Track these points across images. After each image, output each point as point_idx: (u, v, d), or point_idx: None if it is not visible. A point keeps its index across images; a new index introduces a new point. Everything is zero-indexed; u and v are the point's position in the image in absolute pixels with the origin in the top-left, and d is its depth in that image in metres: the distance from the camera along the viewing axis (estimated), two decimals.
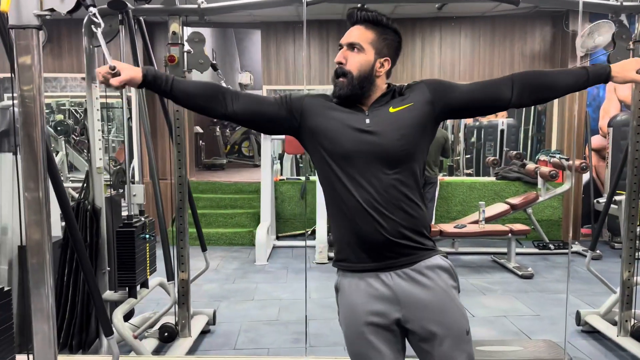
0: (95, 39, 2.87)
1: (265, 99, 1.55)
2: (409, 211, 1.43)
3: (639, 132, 2.98)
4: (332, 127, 1.46)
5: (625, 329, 3.06)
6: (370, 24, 1.47)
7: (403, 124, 1.44)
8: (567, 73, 1.52)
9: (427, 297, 1.42)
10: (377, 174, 1.41)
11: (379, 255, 1.43)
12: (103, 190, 2.94)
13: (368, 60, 1.47)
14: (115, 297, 2.90)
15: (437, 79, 1.55)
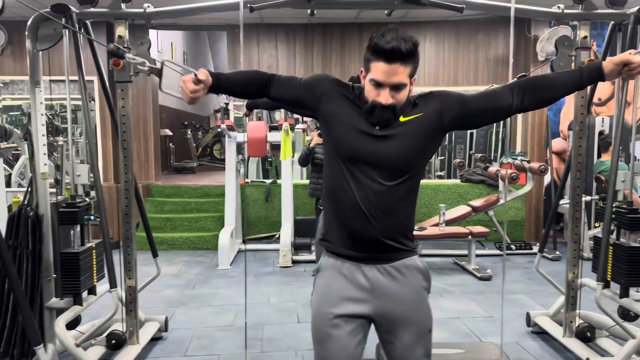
0: (40, 43, 2.83)
1: (294, 83, 1.64)
2: (400, 217, 1.56)
3: (580, 136, 3.05)
4: (343, 125, 1.55)
5: (571, 330, 3.12)
6: (411, 57, 1.46)
7: (412, 133, 1.52)
8: (562, 73, 1.62)
9: (400, 292, 1.55)
10: (378, 180, 1.51)
11: (364, 248, 1.55)
12: (48, 196, 2.89)
13: (407, 90, 1.50)
14: (61, 305, 2.85)
15: (445, 91, 1.60)
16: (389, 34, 1.43)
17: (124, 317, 3.05)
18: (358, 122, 1.53)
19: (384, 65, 1.44)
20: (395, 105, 1.48)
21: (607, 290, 3.01)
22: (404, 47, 1.42)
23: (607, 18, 2.94)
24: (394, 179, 1.51)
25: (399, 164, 1.52)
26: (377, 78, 1.46)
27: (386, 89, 1.47)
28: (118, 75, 2.87)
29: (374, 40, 1.46)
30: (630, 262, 2.83)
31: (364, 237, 1.53)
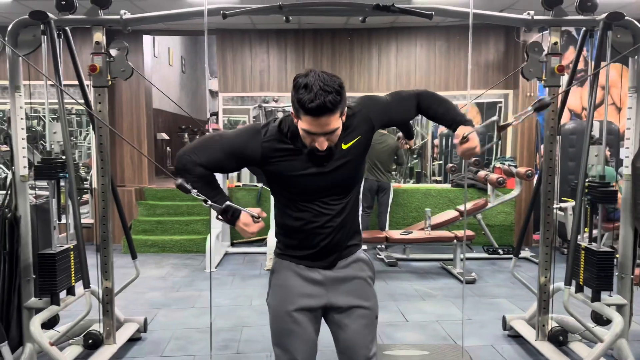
0: (20, 49, 2.89)
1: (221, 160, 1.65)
2: (350, 226, 1.74)
3: (551, 141, 3.08)
4: (293, 175, 1.63)
5: (543, 333, 3.15)
6: (338, 104, 1.50)
7: (354, 157, 1.66)
8: (452, 108, 1.80)
9: (348, 283, 1.72)
10: (330, 202, 1.66)
11: (319, 258, 1.70)
12: (27, 197, 2.95)
13: (340, 128, 1.57)
14: (40, 305, 2.90)
15: (372, 100, 1.74)
16: (314, 86, 1.46)
17: (102, 318, 3.10)
18: (302, 167, 1.62)
19: (313, 119, 1.49)
20: (331, 146, 1.57)
21: (579, 294, 3.04)
22: (329, 103, 1.46)
23: (577, 24, 2.98)
24: (344, 198, 1.68)
25: (349, 187, 1.68)
26: (309, 129, 1.52)
27: (320, 137, 1.53)
28: (95, 80, 2.93)
29: (298, 95, 1.49)
30: (600, 266, 2.86)
31: (318, 250, 1.69)
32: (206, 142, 1.67)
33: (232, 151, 1.64)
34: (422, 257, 5.68)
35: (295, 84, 1.51)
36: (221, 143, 1.65)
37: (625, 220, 2.99)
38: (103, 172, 3.00)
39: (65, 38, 2.96)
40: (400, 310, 3.94)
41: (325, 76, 1.49)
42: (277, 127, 1.64)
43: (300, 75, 1.52)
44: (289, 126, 1.63)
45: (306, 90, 1.47)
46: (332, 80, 1.49)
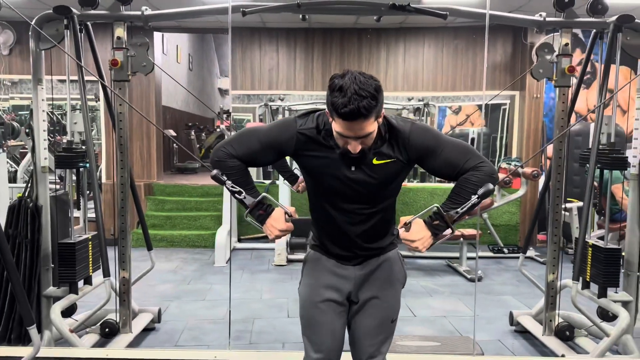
0: (43, 43, 2.97)
1: (257, 151, 1.63)
2: (379, 232, 1.72)
3: (561, 140, 3.14)
4: (321, 172, 1.63)
5: (550, 328, 3.21)
6: (372, 110, 1.44)
7: (384, 175, 1.61)
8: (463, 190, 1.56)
9: (374, 280, 1.74)
10: (357, 208, 1.65)
11: (347, 258, 1.74)
12: (47, 188, 3.02)
13: (375, 131, 1.52)
14: (58, 293, 2.98)
15: (424, 133, 1.59)
16: (348, 89, 1.40)
17: (118, 308, 3.17)
18: (333, 168, 1.60)
19: (347, 123, 1.45)
20: (364, 150, 1.53)
21: (586, 290, 3.10)
22: (363, 109, 1.41)
23: (588, 26, 3.04)
24: (371, 208, 1.66)
25: (375, 198, 1.65)
26: (342, 132, 1.48)
27: (353, 140, 1.49)
28: (116, 75, 3.00)
29: (332, 98, 1.44)
30: (607, 262, 2.93)
31: (346, 250, 1.73)
32: (243, 135, 1.67)
33: (268, 141, 1.63)
34: (429, 254, 5.74)
35: (331, 85, 1.46)
36: (257, 135, 1.64)
37: (632, 218, 3.05)
38: (122, 165, 3.06)
39: (87, 33, 3.03)
40: (407, 306, 4.00)
41: (362, 78, 1.43)
42: (315, 121, 1.61)
43: (336, 76, 1.47)
44: (324, 123, 1.60)
45: (341, 93, 1.41)
46: (368, 84, 1.42)
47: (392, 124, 1.59)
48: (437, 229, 1.53)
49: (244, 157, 1.63)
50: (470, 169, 1.55)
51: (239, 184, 1.62)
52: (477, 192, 1.52)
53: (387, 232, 1.76)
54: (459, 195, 1.55)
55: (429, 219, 1.54)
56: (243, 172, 1.65)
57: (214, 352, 2.47)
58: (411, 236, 1.52)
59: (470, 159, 1.56)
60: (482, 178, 1.54)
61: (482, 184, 1.53)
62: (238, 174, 1.63)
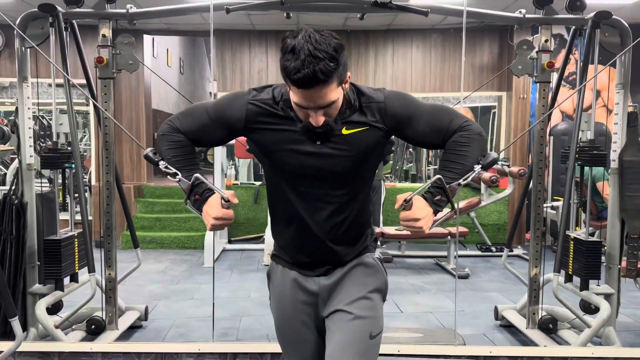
0: (28, 41, 2.98)
1: (205, 125, 1.44)
2: (352, 230, 1.47)
3: (542, 143, 3.19)
4: (277, 149, 1.39)
5: (534, 322, 3.24)
6: (332, 73, 1.23)
7: (355, 146, 1.38)
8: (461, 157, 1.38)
9: (342, 285, 1.47)
10: (325, 193, 1.41)
11: (312, 266, 1.48)
12: (33, 185, 3.03)
13: (340, 99, 1.31)
14: (44, 291, 2.98)
15: (400, 99, 1.41)
16: (301, 50, 1.19)
17: (104, 305, 3.17)
18: (293, 141, 1.37)
19: (303, 92, 1.24)
20: (329, 122, 1.32)
21: (569, 284, 3.14)
22: (320, 72, 1.19)
23: (567, 23, 3.10)
24: (340, 188, 1.42)
25: (344, 177, 1.41)
26: (300, 103, 1.28)
27: (314, 110, 1.28)
28: (101, 72, 3.02)
29: (283, 62, 1.23)
30: (588, 255, 2.97)
31: (312, 257, 1.47)
32: (192, 107, 1.49)
33: (217, 115, 1.42)
34: (417, 253, 5.78)
35: (282, 46, 1.24)
36: (206, 106, 1.45)
37: (613, 211, 3.10)
38: (107, 162, 3.08)
39: (72, 31, 3.05)
40: (395, 303, 4.03)
41: (318, 36, 1.21)
42: (271, 92, 1.40)
43: (288, 35, 1.25)
44: (282, 94, 1.38)
45: (293, 55, 1.20)
46: (326, 43, 1.21)
47: (362, 91, 1.39)
48: (439, 204, 1.33)
49: (190, 132, 1.44)
50: (457, 130, 1.38)
51: (178, 164, 1.42)
52: (481, 162, 1.38)
53: (361, 233, 1.51)
54: (458, 163, 1.36)
55: (429, 195, 1.33)
56: (185, 149, 1.44)
57: (197, 345, 2.48)
58: (414, 213, 1.29)
59: (454, 119, 1.40)
60: (474, 139, 1.38)
61: (479, 148, 1.38)
62: (179, 150, 1.43)
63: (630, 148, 3.04)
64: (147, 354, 2.45)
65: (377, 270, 1.51)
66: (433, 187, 1.34)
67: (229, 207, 1.33)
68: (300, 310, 1.50)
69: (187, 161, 1.44)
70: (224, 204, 1.32)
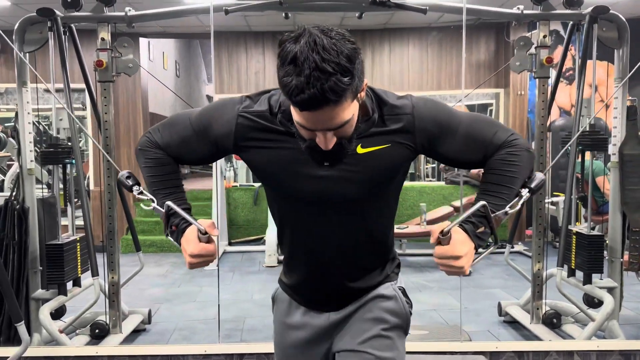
0: (27, 46, 2.97)
1: (188, 138, 1.20)
2: (373, 259, 1.27)
3: (542, 137, 3.21)
4: (275, 171, 1.16)
5: (538, 317, 3.25)
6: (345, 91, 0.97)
7: (372, 168, 1.13)
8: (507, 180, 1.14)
9: (354, 321, 1.26)
10: (338, 223, 1.18)
11: (321, 302, 1.29)
12: (34, 190, 3.03)
13: (355, 115, 1.05)
14: (47, 296, 2.97)
15: (431, 108, 1.15)
16: (305, 62, 0.93)
17: (107, 310, 3.16)
18: (296, 163, 1.12)
19: (309, 114, 0.99)
20: (341, 142, 1.06)
21: (572, 278, 3.16)
22: (330, 92, 0.94)
23: (565, 18, 3.11)
24: (356, 219, 1.19)
25: (362, 205, 1.18)
26: (304, 125, 1.02)
27: (322, 133, 1.03)
28: (100, 76, 3.02)
29: (282, 76, 0.97)
30: (590, 249, 2.98)
31: (321, 295, 1.27)
32: (174, 117, 1.25)
33: (200, 126, 1.18)
34: (418, 252, 5.78)
35: (280, 53, 0.98)
36: (190, 116, 1.21)
37: (614, 205, 3.11)
38: (108, 165, 3.07)
39: (71, 35, 3.04)
40: None
41: (326, 42, 0.94)
42: (267, 101, 1.15)
43: (288, 39, 0.98)
44: (281, 103, 1.13)
45: (295, 68, 0.94)
46: (337, 49, 0.94)
47: (384, 99, 1.14)
48: (482, 238, 1.09)
49: (170, 147, 1.21)
50: (502, 146, 1.14)
51: (154, 186, 1.22)
52: (529, 185, 1.14)
53: (383, 263, 1.28)
54: (504, 186, 1.12)
55: (470, 225, 1.08)
56: (164, 168, 1.22)
57: (203, 347, 2.48)
58: (454, 250, 1.05)
59: (498, 132, 1.15)
60: (523, 156, 1.14)
61: (528, 168, 1.15)
62: (156, 169, 1.21)
63: (629, 142, 3.06)
64: (153, 356, 2.44)
65: (397, 302, 1.27)
66: (475, 215, 1.08)
67: (208, 239, 1.11)
68: (304, 349, 1.30)
69: (166, 183, 1.22)
70: (202, 237, 1.11)
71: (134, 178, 1.24)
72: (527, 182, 1.15)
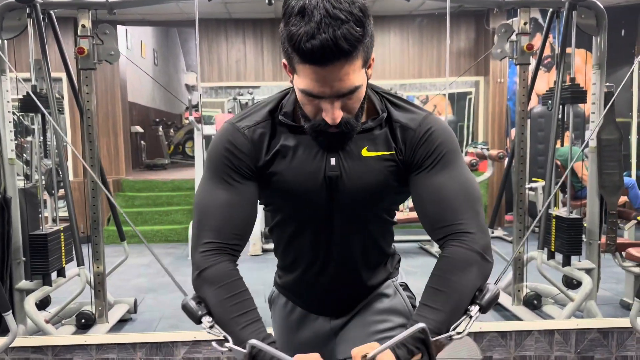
0: (5, 33, 2.91)
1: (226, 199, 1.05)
2: (376, 262, 1.22)
3: (523, 124, 3.27)
4: (282, 174, 1.07)
5: (519, 299, 3.34)
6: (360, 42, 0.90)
7: (376, 174, 1.07)
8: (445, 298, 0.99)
9: (355, 324, 1.21)
10: (341, 223, 1.12)
11: (326, 308, 1.24)
12: (16, 180, 2.98)
13: (364, 87, 0.98)
14: (31, 286, 2.95)
15: (445, 137, 1.05)
16: (315, 10, 0.86)
17: (93, 300, 3.15)
18: (306, 162, 1.06)
19: (317, 69, 0.91)
20: (348, 120, 0.98)
21: (552, 260, 3.24)
22: (343, 39, 0.87)
23: (545, 5, 3.16)
24: (357, 222, 1.13)
25: (363, 209, 1.12)
26: (311, 89, 0.94)
27: (329, 101, 0.95)
28: (82, 63, 2.98)
29: (289, 29, 0.90)
30: (569, 232, 3.07)
31: (326, 294, 1.20)
32: (200, 202, 1.08)
33: (223, 171, 1.05)
34: (402, 238, 5.84)
35: (286, 10, 0.91)
36: (209, 179, 1.08)
37: (592, 189, 3.20)
38: (92, 154, 3.04)
39: (50, 22, 2.99)
40: None
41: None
42: (259, 113, 1.08)
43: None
44: (282, 106, 1.08)
45: (302, 18, 0.87)
46: (349, 0, 0.88)
47: (397, 102, 1.08)
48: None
49: (225, 229, 1.05)
50: (458, 229, 1.01)
51: (226, 315, 1.01)
52: (479, 302, 0.98)
53: (385, 263, 1.25)
54: (448, 296, 0.97)
55: (404, 352, 0.91)
56: (235, 288, 1.04)
57: (193, 333, 2.49)
58: None
59: (467, 209, 1.02)
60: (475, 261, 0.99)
61: (481, 277, 1.00)
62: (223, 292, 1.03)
63: (607, 127, 3.14)
64: (142, 344, 2.44)
65: (398, 300, 1.24)
66: (412, 338, 0.91)
67: None
68: (306, 349, 1.15)
69: (241, 308, 1.02)
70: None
71: (205, 306, 1.02)
72: (477, 297, 0.98)
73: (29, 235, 2.88)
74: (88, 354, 2.48)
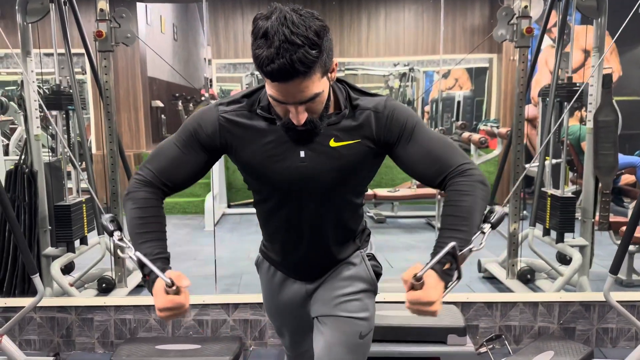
0: (29, 16, 3.10)
1: (176, 157, 1.26)
2: (346, 234, 1.40)
3: (521, 105, 3.37)
4: (258, 163, 1.25)
5: (513, 273, 3.49)
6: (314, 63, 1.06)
7: (344, 161, 1.23)
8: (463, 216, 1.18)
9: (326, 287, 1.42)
10: (312, 207, 1.29)
11: (299, 275, 1.44)
12: (41, 154, 3.22)
13: (325, 91, 1.15)
14: (57, 253, 3.20)
15: (403, 112, 1.24)
16: (275, 35, 1.01)
17: (113, 266, 3.40)
18: (278, 156, 1.23)
19: (280, 85, 1.08)
20: (313, 119, 1.16)
21: (546, 237, 3.38)
22: (299, 63, 1.02)
23: None
24: (329, 201, 1.30)
25: (333, 191, 1.29)
26: (277, 97, 1.11)
27: (294, 106, 1.12)
28: (100, 46, 3.16)
29: (254, 49, 1.06)
30: (563, 210, 3.19)
31: (302, 262, 1.41)
32: (157, 147, 1.30)
33: (185, 138, 1.25)
34: (409, 214, 6.00)
35: (253, 30, 1.06)
36: (172, 138, 1.28)
37: (587, 169, 3.30)
38: (110, 131, 3.25)
39: (71, 6, 3.17)
40: (386, 259, 4.28)
41: (295, 18, 1.03)
42: (245, 100, 1.25)
43: (260, 16, 1.06)
44: (260, 99, 1.24)
45: (265, 41, 1.03)
46: (305, 25, 1.03)
47: (355, 95, 1.25)
48: (449, 274, 1.12)
49: (162, 172, 1.25)
50: (456, 170, 1.20)
51: (136, 229, 1.22)
52: (490, 220, 1.19)
53: (354, 236, 1.43)
54: (464, 219, 1.16)
55: (439, 265, 1.11)
56: (148, 210, 1.24)
57: (202, 297, 2.72)
58: (428, 296, 1.07)
59: (456, 156, 1.22)
60: (477, 187, 1.18)
61: (485, 199, 1.19)
62: (140, 212, 1.23)
63: (604, 109, 3.22)
64: None
65: (363, 267, 1.41)
66: (446, 254, 1.11)
67: (177, 291, 1.09)
68: (287, 306, 1.49)
69: (148, 227, 1.24)
70: (169, 289, 1.09)
71: (116, 223, 1.22)
72: (488, 217, 1.20)
73: (54, 206, 3.12)
74: (107, 314, 2.74)
